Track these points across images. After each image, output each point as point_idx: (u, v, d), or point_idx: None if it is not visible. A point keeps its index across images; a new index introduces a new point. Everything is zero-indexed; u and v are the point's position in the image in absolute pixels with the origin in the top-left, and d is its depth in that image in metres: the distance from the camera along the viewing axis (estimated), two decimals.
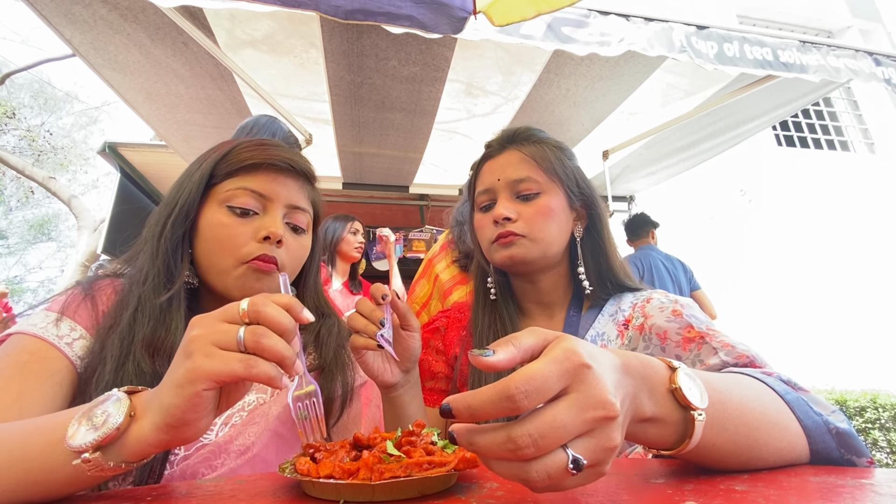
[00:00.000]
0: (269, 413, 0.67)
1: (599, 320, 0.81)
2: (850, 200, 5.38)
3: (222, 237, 0.66)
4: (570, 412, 0.29)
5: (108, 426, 0.39)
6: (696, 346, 0.65)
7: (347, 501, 0.37)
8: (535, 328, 0.35)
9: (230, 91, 2.13)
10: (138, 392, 0.43)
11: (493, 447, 0.30)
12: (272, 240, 0.66)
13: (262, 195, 0.68)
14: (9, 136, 10.66)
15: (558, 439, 0.29)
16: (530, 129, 0.87)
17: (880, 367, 4.48)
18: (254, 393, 0.68)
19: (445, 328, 0.92)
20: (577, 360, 0.30)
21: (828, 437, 0.45)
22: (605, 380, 0.31)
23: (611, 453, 0.30)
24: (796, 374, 0.53)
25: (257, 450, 0.63)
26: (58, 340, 0.58)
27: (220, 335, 0.40)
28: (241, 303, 0.41)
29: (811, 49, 1.81)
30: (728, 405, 0.41)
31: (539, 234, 0.78)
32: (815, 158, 5.66)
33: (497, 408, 0.29)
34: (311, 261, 0.80)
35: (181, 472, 0.58)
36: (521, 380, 0.29)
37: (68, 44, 1.75)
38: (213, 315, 0.42)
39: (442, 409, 0.31)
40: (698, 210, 5.02)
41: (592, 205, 0.84)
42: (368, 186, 3.25)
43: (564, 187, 0.81)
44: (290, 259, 0.70)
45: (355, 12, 1.26)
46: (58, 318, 0.60)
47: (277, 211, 0.69)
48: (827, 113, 6.14)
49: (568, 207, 0.82)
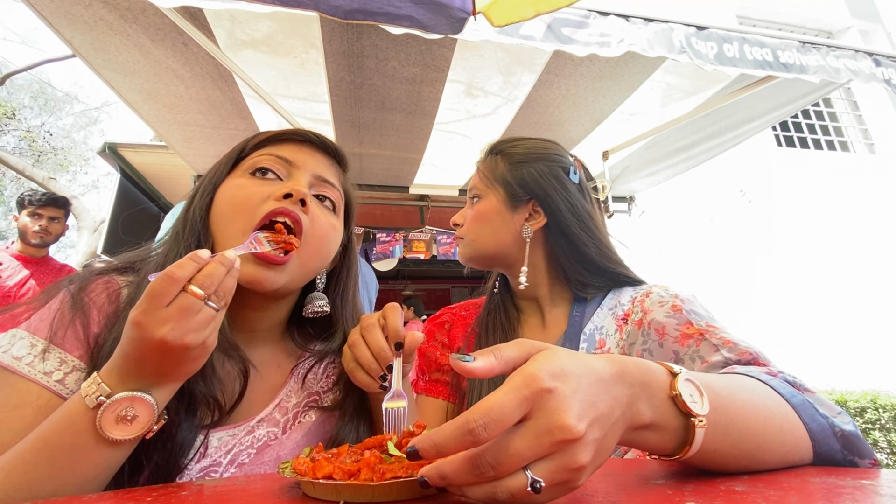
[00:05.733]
0: (280, 453, 0.61)
1: (598, 314, 0.81)
2: (850, 201, 5.37)
3: (236, 198, 0.59)
4: (525, 439, 0.30)
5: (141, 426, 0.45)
6: (695, 343, 0.65)
7: (347, 502, 0.37)
8: (523, 340, 0.36)
9: (230, 92, 2.13)
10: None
11: (461, 474, 0.31)
12: (294, 197, 0.57)
13: (287, 161, 0.62)
14: (9, 136, 10.67)
15: (514, 464, 0.30)
16: (501, 141, 0.94)
17: (881, 368, 4.48)
18: (265, 427, 0.61)
19: (451, 324, 0.97)
20: (536, 387, 0.30)
21: (832, 440, 0.45)
22: (569, 402, 0.30)
23: (577, 472, 0.30)
24: (797, 374, 0.53)
25: None
26: (46, 378, 0.51)
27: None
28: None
29: (811, 50, 1.81)
30: (730, 410, 0.40)
31: (472, 234, 0.87)
32: (815, 159, 5.66)
33: (459, 442, 0.30)
34: (348, 268, 0.73)
35: None
36: (480, 413, 0.30)
37: (68, 44, 1.75)
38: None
39: (408, 452, 0.32)
40: (698, 210, 5.02)
41: (546, 204, 0.84)
42: (368, 187, 3.25)
43: (504, 191, 0.86)
44: (316, 231, 0.61)
45: (355, 12, 1.26)
46: (44, 350, 0.52)
47: (303, 177, 0.62)
48: (827, 113, 6.14)
49: (506, 209, 0.85)
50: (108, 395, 0.44)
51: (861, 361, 4.53)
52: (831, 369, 4.30)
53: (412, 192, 3.42)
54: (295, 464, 0.41)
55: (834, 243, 5.13)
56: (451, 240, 4.08)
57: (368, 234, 3.72)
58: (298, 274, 0.61)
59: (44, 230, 2.39)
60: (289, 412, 0.64)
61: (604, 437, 0.32)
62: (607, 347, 0.77)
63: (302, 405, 0.65)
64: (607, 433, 0.32)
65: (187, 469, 0.54)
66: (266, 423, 0.62)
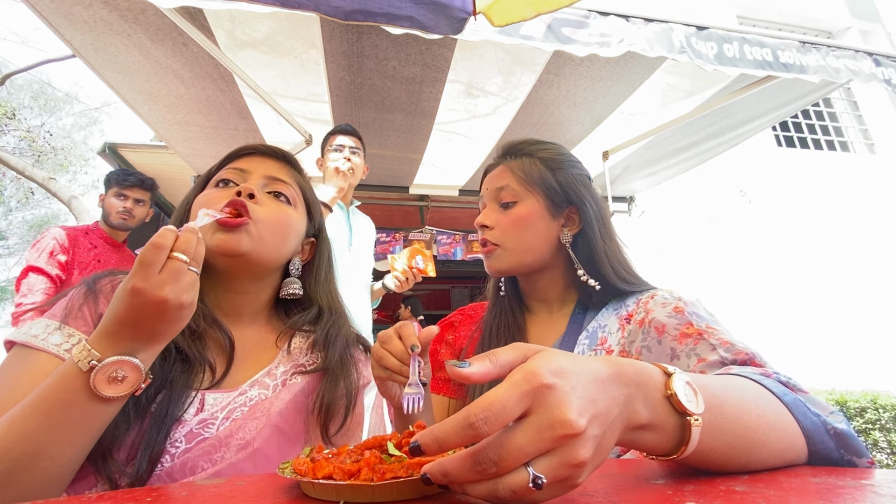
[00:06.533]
0: (271, 409, 0.68)
1: (602, 313, 0.82)
2: (850, 201, 5.38)
3: (200, 204, 0.70)
4: (527, 434, 0.30)
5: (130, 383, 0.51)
6: (693, 342, 0.65)
7: (347, 502, 0.37)
8: (519, 343, 0.36)
9: (230, 92, 2.13)
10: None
11: (464, 471, 0.31)
12: (243, 193, 0.69)
13: (242, 170, 0.75)
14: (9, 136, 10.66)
15: (516, 460, 0.30)
16: (525, 141, 0.90)
17: (881, 368, 4.48)
18: (256, 388, 0.69)
19: (459, 323, 0.98)
20: (536, 382, 0.31)
21: (826, 437, 0.45)
22: (570, 397, 0.31)
23: (578, 469, 0.30)
24: (797, 374, 0.53)
25: (258, 444, 0.64)
26: (56, 349, 0.60)
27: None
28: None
29: (811, 50, 1.81)
30: (725, 408, 0.41)
31: (512, 242, 0.83)
32: (815, 159, 5.66)
33: (461, 436, 0.30)
34: (320, 256, 0.84)
35: (181, 466, 0.59)
36: (480, 407, 0.30)
37: (68, 45, 1.75)
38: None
39: (411, 448, 0.32)
40: (698, 210, 5.02)
41: (580, 211, 0.84)
42: (368, 187, 3.25)
43: (543, 195, 0.83)
44: (267, 216, 0.71)
45: (355, 13, 1.26)
46: (57, 328, 0.62)
47: (255, 180, 0.75)
48: (827, 114, 6.14)
49: (548, 214, 0.84)
50: (100, 360, 0.49)
51: (861, 361, 4.53)
52: (831, 369, 4.30)
53: (412, 193, 3.42)
54: (295, 464, 0.41)
55: (834, 243, 5.13)
56: (451, 240, 4.08)
57: None
58: (259, 245, 0.70)
59: (127, 212, 2.30)
60: (277, 378, 0.73)
61: (603, 434, 0.32)
62: (608, 345, 0.77)
63: (290, 373, 0.74)
64: (606, 431, 0.32)
65: (186, 421, 0.62)
66: (257, 385, 0.70)
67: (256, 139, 2.55)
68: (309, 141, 2.35)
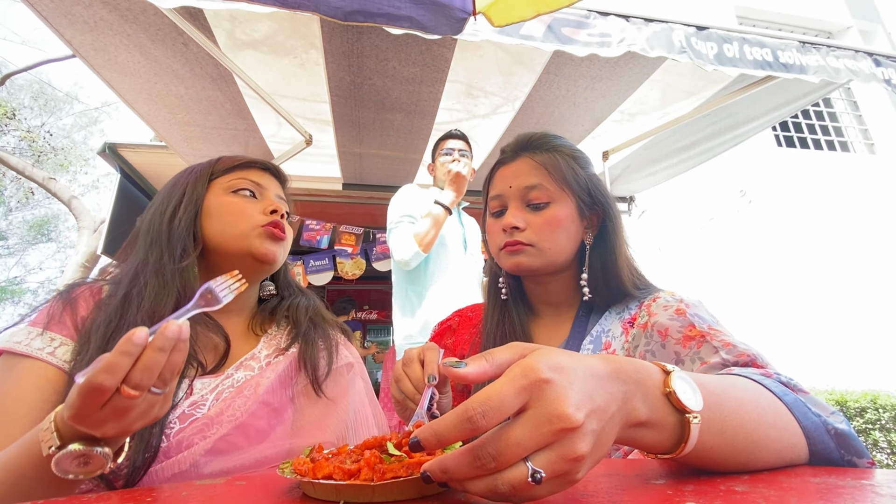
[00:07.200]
0: (258, 386, 0.73)
1: (606, 317, 0.81)
2: (850, 201, 5.37)
3: (236, 210, 0.78)
4: (525, 428, 0.30)
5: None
6: (696, 345, 0.65)
7: (347, 502, 0.37)
8: (516, 343, 0.36)
9: (230, 92, 2.13)
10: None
11: (463, 466, 0.31)
12: (278, 213, 0.81)
13: (258, 184, 0.84)
14: (9, 136, 10.66)
15: (515, 455, 0.30)
16: (545, 135, 0.85)
17: (881, 368, 4.48)
18: (242, 371, 0.75)
19: (457, 326, 0.96)
20: (534, 377, 0.31)
21: (827, 437, 0.45)
22: (567, 392, 0.31)
23: (576, 463, 0.30)
24: (797, 374, 0.53)
25: (246, 417, 0.68)
26: (39, 352, 0.62)
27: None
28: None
29: (811, 50, 1.81)
30: (724, 407, 0.41)
31: (546, 244, 0.79)
32: (815, 159, 5.66)
33: (459, 430, 0.31)
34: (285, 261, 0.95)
35: (177, 444, 0.62)
36: (478, 402, 0.30)
37: (68, 45, 1.75)
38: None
39: (411, 444, 0.32)
40: (698, 210, 5.02)
41: (605, 213, 0.83)
42: (368, 187, 3.25)
43: (575, 196, 0.80)
44: (286, 237, 0.83)
45: (355, 13, 1.26)
46: (39, 334, 0.64)
47: (272, 197, 0.84)
48: (827, 113, 6.14)
49: (578, 217, 0.81)
50: (60, 447, 0.45)
51: (861, 361, 4.53)
52: (831, 369, 4.30)
53: None
54: (295, 464, 0.41)
55: (834, 243, 5.13)
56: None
57: (368, 234, 3.72)
58: (283, 256, 0.83)
59: None
60: (261, 360, 0.79)
61: (601, 430, 0.32)
62: (612, 349, 0.77)
63: (273, 356, 0.80)
64: (605, 427, 0.32)
65: (177, 406, 0.65)
66: (243, 368, 0.75)
67: (256, 139, 2.55)
68: (309, 141, 2.35)
